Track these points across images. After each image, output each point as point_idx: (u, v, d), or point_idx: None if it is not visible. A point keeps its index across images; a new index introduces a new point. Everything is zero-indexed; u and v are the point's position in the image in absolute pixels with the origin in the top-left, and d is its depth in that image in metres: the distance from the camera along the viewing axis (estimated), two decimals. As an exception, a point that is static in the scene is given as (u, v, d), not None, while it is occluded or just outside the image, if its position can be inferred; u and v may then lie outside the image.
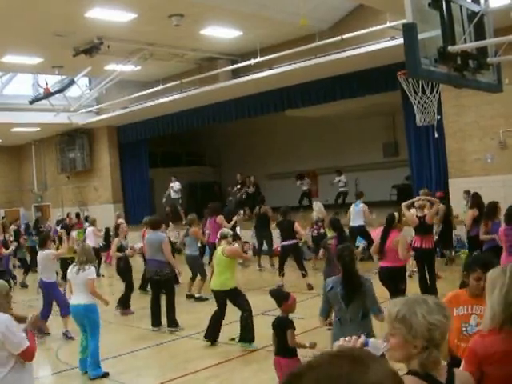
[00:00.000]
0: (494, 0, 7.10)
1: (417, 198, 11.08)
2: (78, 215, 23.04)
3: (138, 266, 13.60)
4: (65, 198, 27.09)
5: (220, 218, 13.60)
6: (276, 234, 14.39)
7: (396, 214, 8.57)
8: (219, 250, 8.39)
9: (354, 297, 5.00)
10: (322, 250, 9.97)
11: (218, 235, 8.76)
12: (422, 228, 9.85)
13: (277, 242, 15.75)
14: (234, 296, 8.28)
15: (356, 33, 14.27)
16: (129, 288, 11.64)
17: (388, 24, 13.37)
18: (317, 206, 15.61)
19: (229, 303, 8.44)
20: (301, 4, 12.31)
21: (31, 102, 19.57)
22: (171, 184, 22.91)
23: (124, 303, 11.42)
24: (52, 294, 9.79)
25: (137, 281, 13.08)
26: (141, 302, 11.91)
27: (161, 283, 9.86)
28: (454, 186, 15.29)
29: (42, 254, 9.87)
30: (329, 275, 8.14)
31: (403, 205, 10.69)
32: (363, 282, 5.14)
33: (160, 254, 9.87)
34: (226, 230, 8.90)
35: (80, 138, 25.55)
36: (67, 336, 9.48)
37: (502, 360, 2.95)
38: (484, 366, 2.99)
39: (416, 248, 9.79)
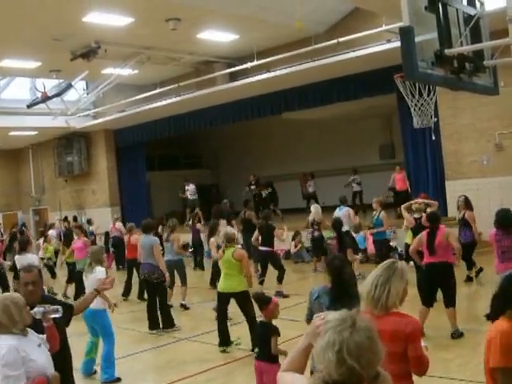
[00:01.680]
0: (489, 3, 7.16)
1: (415, 200, 11.15)
2: (75, 219, 23.08)
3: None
4: (62, 202, 27.07)
5: (223, 223, 13.55)
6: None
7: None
8: (228, 252, 8.22)
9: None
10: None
11: (223, 238, 8.64)
12: (419, 229, 9.89)
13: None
14: (244, 299, 8.14)
15: (352, 36, 14.32)
16: None
17: (384, 27, 13.42)
18: (314, 208, 15.58)
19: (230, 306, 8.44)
20: (297, 7, 12.35)
21: (29, 106, 19.59)
22: (186, 187, 22.99)
23: None
24: None
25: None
26: (138, 305, 11.92)
27: (153, 286, 9.87)
28: (450, 187, 15.35)
29: (22, 258, 9.77)
30: None
31: (403, 207, 10.77)
32: (352, 295, 4.75)
33: (152, 258, 9.89)
34: (231, 231, 8.66)
35: (77, 142, 25.56)
36: None
37: None
38: None
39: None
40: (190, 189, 22.94)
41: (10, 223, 24.78)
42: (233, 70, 18.09)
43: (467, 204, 11.65)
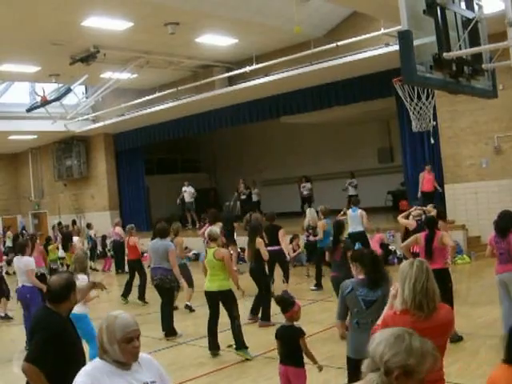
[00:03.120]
0: (487, 6, 7.17)
1: (413, 207, 11.16)
2: (74, 222, 23.10)
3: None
4: (62, 206, 27.07)
5: (218, 226, 13.52)
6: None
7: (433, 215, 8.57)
8: (210, 252, 8.17)
9: (375, 298, 4.80)
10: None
11: (206, 236, 8.58)
12: (420, 231, 9.92)
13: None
14: (229, 299, 8.11)
15: (351, 40, 14.36)
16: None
17: (382, 31, 13.44)
18: (310, 212, 15.53)
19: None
20: (295, 11, 12.38)
21: (28, 110, 19.66)
22: (184, 188, 22.97)
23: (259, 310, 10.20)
24: (31, 299, 9.43)
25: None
26: (137, 309, 11.91)
27: (163, 290, 9.84)
28: (449, 191, 15.35)
29: (20, 261, 9.65)
30: (335, 277, 8.20)
31: (400, 217, 10.76)
32: (386, 281, 4.90)
33: (166, 262, 9.77)
34: (214, 230, 8.54)
35: (77, 146, 25.58)
36: None
37: None
38: None
39: (416, 253, 9.86)
40: (188, 191, 22.90)
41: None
42: (231, 74, 18.13)
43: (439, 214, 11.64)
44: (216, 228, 8.82)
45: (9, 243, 20.60)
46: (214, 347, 8.29)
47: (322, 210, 13.59)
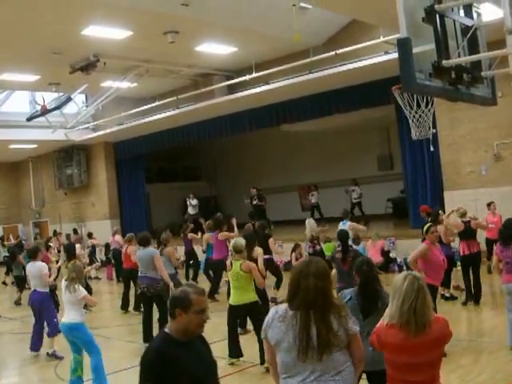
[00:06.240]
0: (486, 14, 7.19)
1: (457, 207, 11.28)
2: (75, 231, 23.08)
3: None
4: (62, 214, 27.08)
5: (222, 235, 13.38)
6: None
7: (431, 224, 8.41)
8: (236, 265, 7.96)
9: (372, 310, 4.71)
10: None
11: (231, 248, 8.32)
12: (468, 233, 10.29)
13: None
14: (257, 310, 7.97)
15: (350, 48, 14.40)
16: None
17: (381, 39, 13.49)
18: (309, 223, 15.41)
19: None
20: (295, 19, 12.42)
21: (28, 119, 19.66)
22: (188, 202, 22.92)
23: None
24: (44, 305, 9.47)
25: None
26: (137, 317, 11.88)
27: (152, 299, 9.76)
28: (448, 198, 15.34)
29: (34, 266, 9.58)
30: (342, 288, 8.14)
31: (444, 216, 10.84)
32: (382, 296, 4.79)
33: (151, 271, 9.70)
34: (239, 242, 8.22)
35: (77, 155, 25.60)
36: (56, 356, 9.15)
37: (396, 351, 3.69)
38: (384, 350, 3.79)
39: (465, 254, 10.19)
40: (193, 204, 22.94)
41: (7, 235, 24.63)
42: (231, 82, 18.18)
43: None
44: (241, 239, 8.61)
45: (5, 253, 20.49)
46: (233, 355, 8.22)
47: (208, 224, 14.12)
